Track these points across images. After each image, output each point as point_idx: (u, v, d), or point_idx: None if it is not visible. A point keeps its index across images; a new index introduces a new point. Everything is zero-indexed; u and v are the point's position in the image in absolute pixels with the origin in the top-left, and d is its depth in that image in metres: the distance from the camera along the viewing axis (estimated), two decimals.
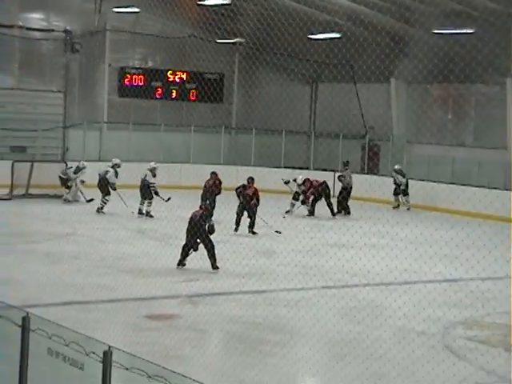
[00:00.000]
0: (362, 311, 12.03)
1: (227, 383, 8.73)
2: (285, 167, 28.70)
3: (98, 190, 21.62)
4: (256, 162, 29.05)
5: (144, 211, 20.90)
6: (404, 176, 24.95)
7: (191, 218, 14.44)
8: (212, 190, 20.90)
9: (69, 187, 23.31)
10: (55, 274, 13.41)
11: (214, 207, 18.82)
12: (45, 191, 23.52)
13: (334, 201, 23.07)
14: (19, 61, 27.53)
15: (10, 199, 22.76)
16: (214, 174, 21.40)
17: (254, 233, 18.76)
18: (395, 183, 24.99)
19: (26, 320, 6.25)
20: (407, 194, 24.84)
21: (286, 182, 23.00)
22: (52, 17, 27.91)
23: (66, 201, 23.12)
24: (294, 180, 22.83)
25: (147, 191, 20.97)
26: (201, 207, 14.77)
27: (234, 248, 15.80)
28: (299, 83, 32.21)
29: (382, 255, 15.53)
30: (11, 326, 6.30)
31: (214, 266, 14.25)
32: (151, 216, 20.75)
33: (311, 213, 22.55)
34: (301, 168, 28.96)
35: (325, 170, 28.51)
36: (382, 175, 27.51)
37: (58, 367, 5.97)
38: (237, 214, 18.94)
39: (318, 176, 25.08)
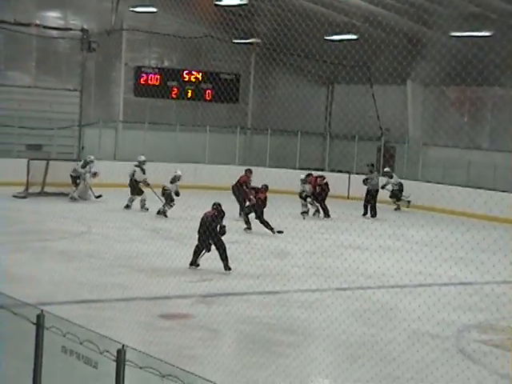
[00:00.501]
0: (375, 313, 12.01)
1: (240, 383, 8.73)
2: (300, 168, 28.66)
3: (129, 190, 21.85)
4: (271, 163, 29.05)
5: (162, 210, 20.93)
6: (391, 177, 24.77)
7: (202, 219, 14.45)
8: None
9: (77, 184, 23.35)
10: (70, 273, 13.47)
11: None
12: (60, 189, 23.61)
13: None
14: (36, 59, 27.64)
15: (25, 197, 22.86)
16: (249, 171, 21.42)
17: (279, 232, 18.84)
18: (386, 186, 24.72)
19: (40, 318, 6.28)
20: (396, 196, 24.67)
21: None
22: (69, 15, 28.01)
23: (73, 199, 23.12)
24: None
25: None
26: (213, 208, 14.74)
27: (248, 249, 15.81)
28: (315, 84, 32.18)
29: (396, 257, 15.49)
30: (26, 324, 6.33)
31: (227, 267, 14.24)
32: (165, 216, 20.78)
33: (327, 214, 22.55)
34: (316, 169, 28.91)
35: (340, 171, 28.49)
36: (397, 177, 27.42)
37: (72, 365, 5.99)
38: (245, 213, 19.46)
39: (333, 178, 25.13)
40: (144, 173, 22.02)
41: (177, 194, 20.64)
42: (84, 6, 28.07)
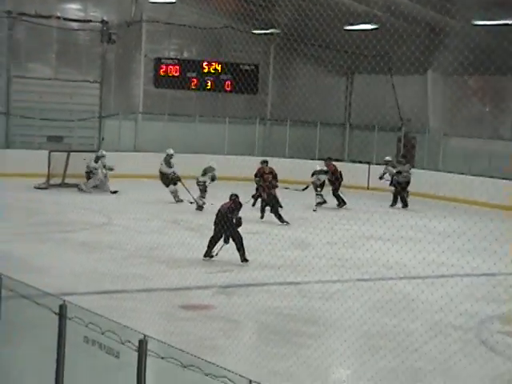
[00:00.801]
0: (397, 304, 11.93)
1: (261, 374, 8.70)
2: (319, 159, 28.53)
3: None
4: (290, 154, 29.00)
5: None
6: (394, 167, 24.21)
7: (219, 211, 14.42)
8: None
9: (89, 178, 23.41)
10: (91, 263, 13.52)
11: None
12: (81, 181, 23.69)
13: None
14: (57, 51, 27.71)
15: (46, 188, 23.00)
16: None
17: (286, 222, 18.91)
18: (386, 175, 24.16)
19: (63, 308, 6.30)
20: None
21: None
22: (89, 7, 28.05)
23: (80, 190, 23.19)
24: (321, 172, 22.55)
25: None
26: (230, 199, 14.71)
27: (268, 239, 15.80)
28: (335, 74, 32.05)
29: (418, 248, 15.41)
30: (49, 314, 6.35)
31: (243, 259, 14.19)
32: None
33: (342, 202, 22.49)
34: (336, 160, 28.84)
35: (360, 162, 28.39)
36: (418, 168, 27.28)
37: (94, 355, 6.01)
38: (261, 204, 19.82)
39: (353, 169, 25.06)
40: (170, 166, 21.92)
41: (213, 178, 20.67)
42: None
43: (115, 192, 22.99)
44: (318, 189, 22.30)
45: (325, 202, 22.29)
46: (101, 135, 28.10)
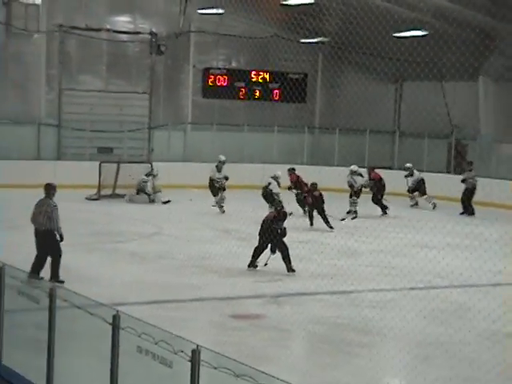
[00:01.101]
0: (445, 312, 11.80)
1: None
2: (360, 167, 28.37)
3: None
4: (339, 162, 28.86)
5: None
6: (361, 175, 22.79)
7: (264, 221, 14.37)
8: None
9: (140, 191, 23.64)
10: (141, 273, 13.59)
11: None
12: (131, 191, 23.90)
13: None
14: (107, 63, 28.05)
15: (97, 199, 23.23)
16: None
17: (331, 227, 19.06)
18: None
19: (116, 318, 6.34)
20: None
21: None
22: (138, 19, 28.35)
23: (129, 201, 23.43)
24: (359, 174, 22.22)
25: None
26: (275, 209, 14.68)
27: (317, 248, 15.74)
28: (384, 82, 31.86)
29: (465, 255, 15.20)
30: (102, 324, 6.39)
31: (289, 269, 14.07)
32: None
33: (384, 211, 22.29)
34: (384, 168, 28.65)
35: None
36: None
37: (148, 365, 6.03)
38: (308, 211, 19.90)
39: (402, 176, 24.84)
40: (219, 171, 22.00)
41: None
42: (152, 10, 28.38)
43: (167, 202, 23.12)
44: (354, 197, 21.65)
45: (356, 215, 21.38)
46: (150, 146, 28.34)
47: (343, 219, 20.84)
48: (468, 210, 23.05)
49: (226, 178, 21.78)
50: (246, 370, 5.40)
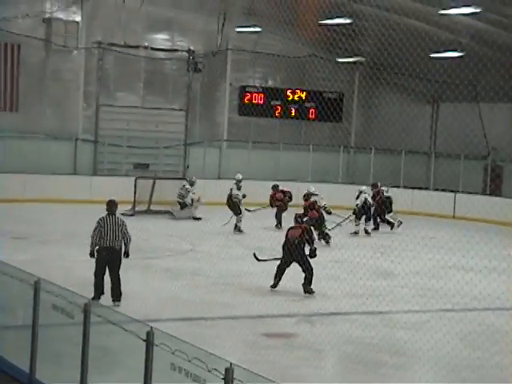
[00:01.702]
0: (481, 335, 11.67)
1: None
2: (404, 187, 28.31)
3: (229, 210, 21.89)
4: (374, 182, 28.69)
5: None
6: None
7: (288, 239, 14.08)
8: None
9: (184, 206, 23.74)
10: (175, 290, 13.64)
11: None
12: (166, 207, 24.04)
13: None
14: (144, 80, 28.33)
15: (132, 215, 23.32)
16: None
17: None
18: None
19: (150, 335, 6.38)
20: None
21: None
22: (176, 37, 28.62)
23: (174, 216, 23.52)
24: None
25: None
26: (300, 226, 14.39)
27: (350, 268, 15.68)
28: (420, 103, 31.78)
29: (502, 278, 15.04)
30: (136, 340, 6.43)
31: (307, 290, 13.81)
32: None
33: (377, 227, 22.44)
34: (420, 188, 28.55)
35: (444, 190, 27.99)
36: (505, 197, 26.70)
37: (181, 382, 6.04)
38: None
39: (438, 197, 24.67)
40: (239, 189, 22.06)
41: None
42: (190, 28, 28.62)
43: (199, 219, 23.22)
44: (356, 219, 21.92)
45: (356, 232, 21.86)
46: (186, 162, 28.50)
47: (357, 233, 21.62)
48: None
49: (244, 196, 21.85)
50: None
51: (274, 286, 14.07)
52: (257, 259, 15.35)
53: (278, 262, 14.14)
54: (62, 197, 24.66)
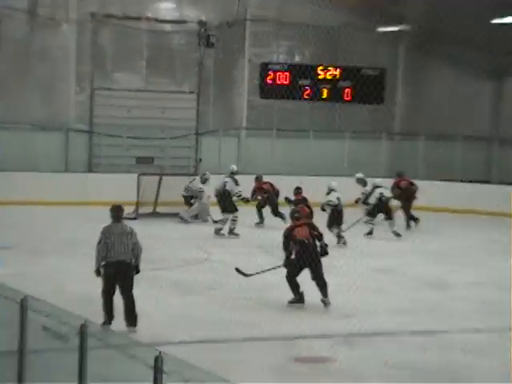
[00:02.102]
0: None
1: None
2: (461, 181, 28.23)
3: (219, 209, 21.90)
4: (424, 174, 28.70)
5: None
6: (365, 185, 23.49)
7: (300, 241, 14.06)
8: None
9: (191, 205, 23.71)
10: (187, 307, 13.74)
11: None
12: (175, 209, 24.07)
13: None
14: (147, 58, 28.42)
15: (135, 218, 23.34)
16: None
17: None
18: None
19: (158, 360, 6.44)
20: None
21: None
22: (184, 6, 28.71)
23: (183, 219, 23.55)
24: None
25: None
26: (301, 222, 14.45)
27: (397, 278, 15.69)
28: (480, 78, 31.64)
29: None
30: (142, 367, 6.50)
31: (327, 303, 13.96)
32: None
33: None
34: (479, 181, 28.46)
35: (510, 183, 27.89)
36: None
37: None
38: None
39: (501, 192, 24.57)
40: (237, 184, 22.15)
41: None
42: None
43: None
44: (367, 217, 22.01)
45: (371, 232, 21.85)
46: (198, 155, 28.58)
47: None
48: None
49: (240, 196, 22.03)
50: None
51: (301, 300, 14.10)
52: (244, 275, 15.31)
53: (285, 273, 14.18)
54: (51, 198, 24.83)
